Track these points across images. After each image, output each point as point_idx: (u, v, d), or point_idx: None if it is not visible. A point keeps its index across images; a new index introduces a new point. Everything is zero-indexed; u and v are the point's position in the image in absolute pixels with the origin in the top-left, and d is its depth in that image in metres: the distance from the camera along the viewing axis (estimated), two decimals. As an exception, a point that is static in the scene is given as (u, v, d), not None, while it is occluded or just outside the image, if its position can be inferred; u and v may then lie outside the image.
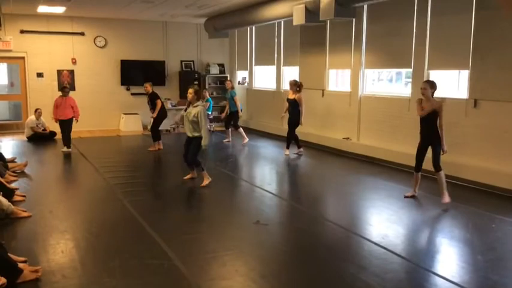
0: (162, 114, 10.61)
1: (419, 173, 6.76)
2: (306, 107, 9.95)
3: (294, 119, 9.83)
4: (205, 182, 7.44)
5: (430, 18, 8.23)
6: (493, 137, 7.23)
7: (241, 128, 11.84)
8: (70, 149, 10.39)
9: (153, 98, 10.53)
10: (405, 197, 6.79)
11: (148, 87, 10.55)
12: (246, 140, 11.65)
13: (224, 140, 12.00)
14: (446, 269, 4.58)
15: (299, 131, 10.15)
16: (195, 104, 7.37)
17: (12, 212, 5.74)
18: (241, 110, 11.94)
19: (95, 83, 13.86)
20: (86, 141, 11.96)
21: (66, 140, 10.37)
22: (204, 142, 7.29)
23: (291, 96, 9.89)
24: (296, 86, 9.83)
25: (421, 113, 6.43)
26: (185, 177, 7.79)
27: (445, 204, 6.40)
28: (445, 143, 6.43)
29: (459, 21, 7.72)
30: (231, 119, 11.91)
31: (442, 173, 6.49)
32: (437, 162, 6.46)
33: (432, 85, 6.43)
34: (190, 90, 7.45)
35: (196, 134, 7.37)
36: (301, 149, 10.10)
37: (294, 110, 9.81)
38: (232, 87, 11.90)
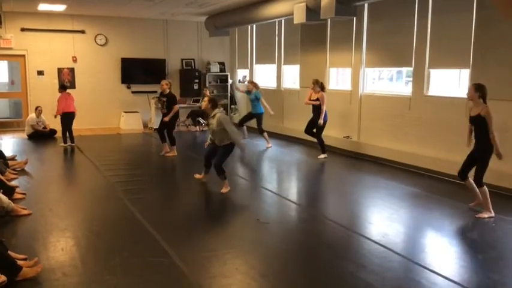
0: (175, 118, 9.88)
1: (467, 181, 6.11)
2: (305, 105, 9.89)
3: (317, 119, 9.42)
4: (225, 190, 6.98)
5: (430, 17, 8.22)
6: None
7: (265, 133, 10.95)
8: (67, 144, 10.66)
9: (170, 102, 9.58)
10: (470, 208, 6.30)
11: (165, 86, 9.68)
12: (270, 144, 10.89)
13: (267, 146, 11.02)
14: (447, 268, 4.58)
15: (297, 129, 10.14)
16: (213, 114, 6.93)
17: (13, 210, 5.74)
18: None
19: (96, 81, 13.86)
20: (87, 139, 11.96)
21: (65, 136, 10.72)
22: (242, 152, 6.73)
23: (314, 96, 9.43)
24: (318, 84, 9.39)
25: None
26: (196, 176, 7.58)
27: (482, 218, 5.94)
28: (498, 149, 5.79)
29: (460, 20, 7.72)
30: (249, 118, 11.21)
31: (485, 189, 5.92)
32: (478, 176, 5.89)
33: (478, 88, 5.85)
34: (206, 98, 7.14)
35: (226, 142, 6.92)
36: (325, 155, 9.68)
37: (317, 109, 9.41)
38: (257, 88, 10.96)
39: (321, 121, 9.38)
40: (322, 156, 9.59)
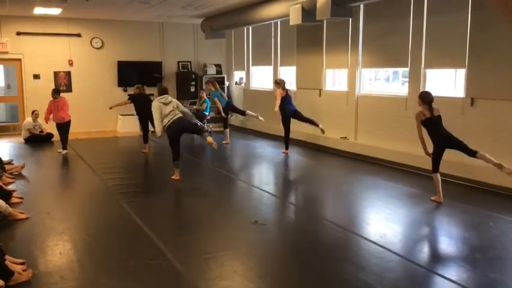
0: (140, 115, 10.68)
1: (478, 154, 6.39)
2: (302, 106, 10.22)
3: (282, 115, 10.13)
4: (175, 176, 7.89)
5: (426, 17, 8.24)
6: (489, 135, 7.24)
7: (227, 130, 11.97)
8: (67, 151, 10.36)
9: None
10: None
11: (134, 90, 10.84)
12: (217, 142, 11.71)
13: (223, 142, 11.64)
14: (445, 267, 4.59)
15: (295, 130, 10.20)
16: None
17: (10, 214, 5.73)
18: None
19: (92, 84, 13.84)
20: (83, 142, 11.94)
21: (64, 142, 10.36)
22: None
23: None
24: (275, 83, 10.35)
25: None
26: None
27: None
28: (424, 148, 6.56)
29: (455, 20, 7.73)
30: (227, 115, 11.88)
31: (435, 176, 6.48)
32: (467, 147, 6.43)
33: (419, 96, 6.55)
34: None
35: None
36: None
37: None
38: (215, 88, 11.73)
39: (275, 109, 10.12)
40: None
